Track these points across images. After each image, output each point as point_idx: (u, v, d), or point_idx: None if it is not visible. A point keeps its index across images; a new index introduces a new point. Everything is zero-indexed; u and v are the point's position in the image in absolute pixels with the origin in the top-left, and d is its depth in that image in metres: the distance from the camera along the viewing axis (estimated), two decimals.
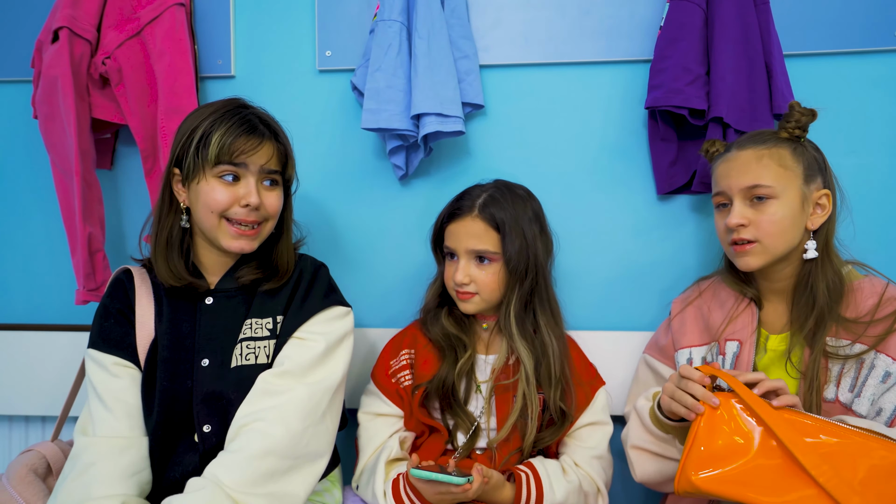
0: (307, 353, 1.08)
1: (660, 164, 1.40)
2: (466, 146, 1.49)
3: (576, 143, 1.46)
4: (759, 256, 1.09)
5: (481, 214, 1.18)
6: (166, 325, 1.09)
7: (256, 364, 1.09)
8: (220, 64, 1.52)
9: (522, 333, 1.17)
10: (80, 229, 1.36)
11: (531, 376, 1.16)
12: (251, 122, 1.08)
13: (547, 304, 1.20)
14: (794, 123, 1.10)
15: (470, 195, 1.22)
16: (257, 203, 1.06)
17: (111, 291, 1.13)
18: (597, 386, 1.23)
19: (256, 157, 1.07)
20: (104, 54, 1.40)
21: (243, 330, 1.10)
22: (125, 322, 1.10)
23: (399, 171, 1.47)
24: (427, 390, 1.20)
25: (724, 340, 1.15)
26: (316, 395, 1.05)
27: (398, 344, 1.30)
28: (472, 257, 1.19)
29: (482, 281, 1.18)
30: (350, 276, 1.51)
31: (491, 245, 1.17)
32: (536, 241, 1.18)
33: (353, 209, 1.52)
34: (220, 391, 1.06)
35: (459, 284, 1.19)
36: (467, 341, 1.23)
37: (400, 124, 1.37)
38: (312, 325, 1.11)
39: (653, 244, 1.45)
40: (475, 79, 1.43)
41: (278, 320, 1.12)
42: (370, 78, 1.38)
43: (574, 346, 1.27)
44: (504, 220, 1.16)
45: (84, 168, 1.37)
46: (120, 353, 1.08)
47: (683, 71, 1.29)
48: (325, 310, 1.14)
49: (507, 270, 1.16)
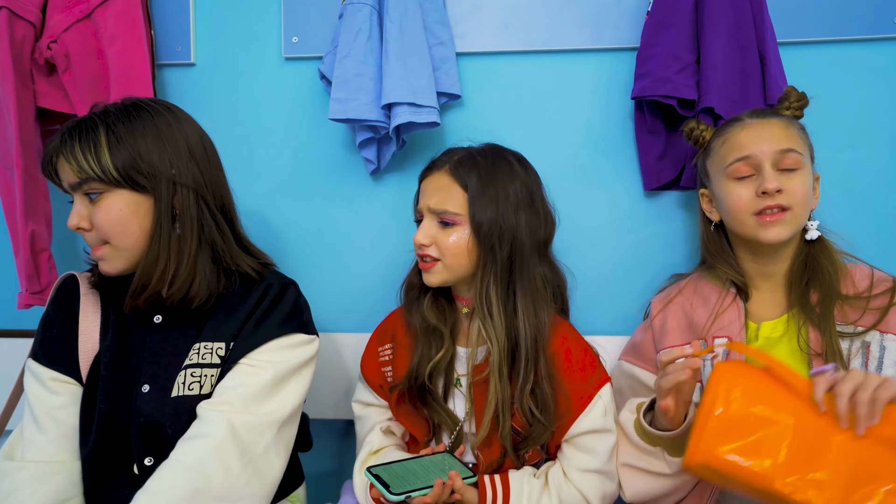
0: (252, 381, 0.95)
1: (647, 158, 1.32)
2: (442, 139, 1.40)
3: (558, 136, 1.38)
4: (790, 226, 1.03)
5: (451, 171, 1.05)
6: (111, 340, 0.98)
7: (200, 395, 0.96)
8: (178, 50, 1.42)
9: (496, 315, 1.04)
10: (22, 227, 1.25)
11: (503, 368, 1.03)
12: (59, 134, 0.95)
13: (528, 287, 1.05)
14: (796, 104, 1.08)
15: (451, 152, 1.10)
16: (73, 223, 0.95)
17: (54, 298, 1.03)
18: (597, 386, 1.07)
19: (62, 173, 0.95)
20: (50, 38, 1.30)
21: (190, 355, 0.98)
22: (68, 333, 0.99)
23: (370, 165, 1.38)
24: (401, 390, 1.12)
25: (713, 338, 1.07)
26: (258, 428, 0.93)
27: (384, 330, 1.22)
28: (435, 218, 1.06)
29: (444, 245, 1.04)
30: (319, 278, 1.43)
31: (454, 205, 1.03)
32: (518, 214, 1.03)
33: (322, 206, 1.43)
34: (157, 422, 0.95)
35: (419, 246, 1.07)
36: (445, 333, 1.12)
37: (370, 115, 1.28)
38: (264, 351, 0.99)
39: (640, 243, 1.37)
40: (451, 67, 1.35)
41: (231, 346, 0.99)
42: (338, 65, 1.29)
43: (571, 338, 1.11)
44: (475, 181, 1.03)
45: (27, 160, 1.27)
46: (59, 367, 0.97)
47: (672, 59, 1.21)
48: (282, 336, 1.01)
49: (477, 239, 1.03)
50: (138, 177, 0.93)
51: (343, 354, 1.39)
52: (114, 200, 0.93)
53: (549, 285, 1.10)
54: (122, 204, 0.94)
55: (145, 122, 0.95)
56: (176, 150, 0.97)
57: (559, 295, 1.16)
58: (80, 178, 0.92)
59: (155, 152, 0.95)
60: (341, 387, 1.39)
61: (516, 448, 1.06)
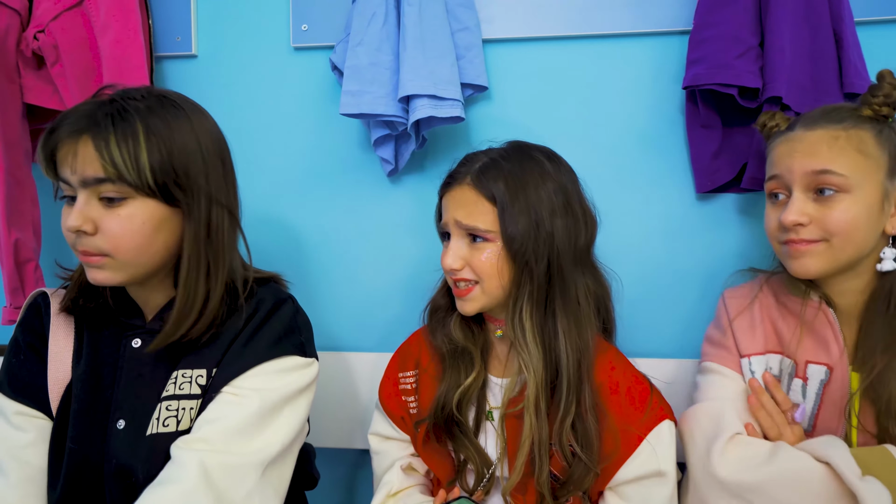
0: (234, 414, 0.81)
1: (700, 156, 1.16)
2: (466, 135, 1.26)
3: (598, 132, 1.22)
4: (822, 259, 0.85)
5: (474, 182, 0.90)
6: (84, 367, 0.85)
7: (177, 432, 0.82)
8: (178, 41, 1.30)
9: (531, 343, 0.89)
10: (4, 235, 1.14)
11: (541, 403, 0.90)
12: (78, 114, 0.77)
13: (569, 304, 0.90)
14: (883, 99, 0.85)
15: (471, 159, 0.95)
16: (75, 225, 0.77)
17: (22, 319, 0.90)
18: (652, 424, 0.90)
19: (76, 163, 0.76)
20: (37, 28, 1.18)
21: (167, 385, 0.84)
22: (36, 360, 0.87)
23: (387, 165, 1.24)
24: (428, 426, 0.98)
25: (806, 362, 0.90)
26: (238, 471, 0.78)
27: (405, 354, 1.07)
28: (464, 235, 0.92)
29: (479, 266, 0.90)
30: (329, 291, 1.29)
31: (483, 221, 0.89)
32: (554, 220, 0.88)
33: (334, 210, 1.29)
34: (130, 466, 0.81)
35: (450, 270, 0.93)
36: (475, 355, 0.98)
37: (386, 109, 1.14)
38: (250, 377, 0.84)
39: (691, 254, 1.20)
40: (477, 55, 1.20)
41: (214, 373, 0.85)
42: (350, 54, 1.15)
43: (620, 367, 0.96)
44: (502, 191, 0.88)
45: (11, 162, 1.16)
46: (26, 399, 0.85)
47: (731, 41, 1.05)
48: (273, 359, 0.85)
49: (510, 255, 0.89)
50: (175, 189, 0.80)
51: (356, 377, 1.26)
52: (139, 210, 0.79)
53: (592, 298, 0.95)
54: (147, 216, 0.79)
55: (180, 122, 0.81)
56: (211, 160, 0.84)
57: (602, 308, 1.00)
58: (105, 176, 0.76)
59: (192, 161, 0.81)
60: (354, 413, 1.26)
61: (555, 495, 0.91)
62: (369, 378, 1.25)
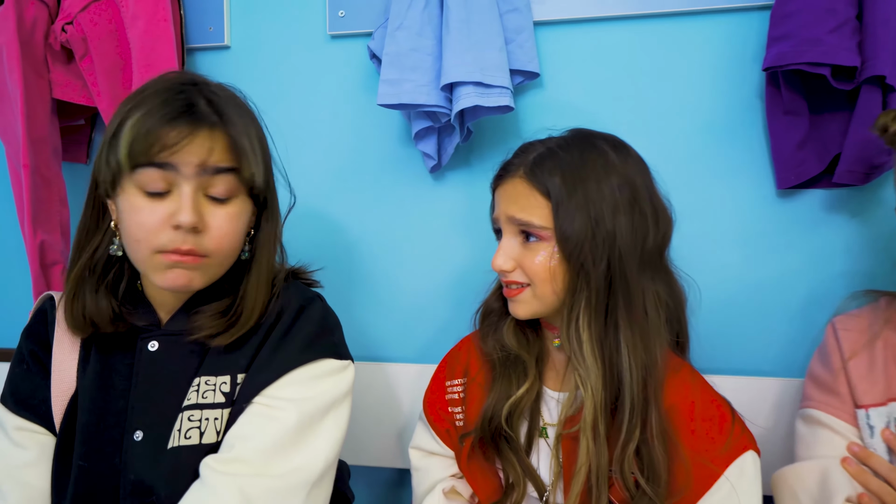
0: (271, 429, 0.73)
1: (782, 146, 1.02)
2: (516, 127, 1.15)
3: (663, 122, 1.10)
4: None
5: (528, 174, 0.81)
6: (92, 376, 0.78)
7: (201, 444, 0.74)
8: (211, 31, 1.23)
9: (589, 357, 0.79)
10: (30, 237, 1.09)
11: (599, 425, 0.79)
12: (183, 101, 0.71)
13: (634, 313, 0.79)
14: None
15: (526, 149, 0.85)
16: (192, 221, 0.70)
17: (28, 326, 0.84)
18: (732, 456, 0.78)
19: (189, 151, 0.70)
20: (65, 20, 1.13)
21: (189, 393, 0.77)
22: (39, 369, 0.80)
23: (429, 160, 1.14)
24: (474, 440, 0.88)
25: None
26: (285, 495, 0.71)
27: (453, 361, 0.98)
28: (516, 233, 0.83)
29: (531, 267, 0.81)
30: (367, 296, 1.20)
31: (537, 216, 0.79)
32: (617, 219, 0.77)
33: (373, 210, 1.20)
34: (149, 483, 0.73)
35: (501, 271, 0.84)
36: (529, 364, 0.88)
37: (428, 98, 1.05)
38: (284, 385, 0.76)
39: (771, 257, 1.06)
40: (527, 39, 1.09)
41: (239, 379, 0.77)
42: (389, 39, 1.06)
43: (695, 388, 0.83)
44: (558, 185, 0.78)
45: (38, 160, 1.11)
46: (27, 413, 0.78)
47: (825, 13, 0.91)
48: (306, 364, 0.78)
49: (564, 256, 0.79)
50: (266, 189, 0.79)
51: (397, 390, 1.16)
52: (242, 209, 0.76)
53: (663, 308, 0.83)
54: (247, 216, 0.78)
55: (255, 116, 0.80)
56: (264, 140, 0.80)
57: (675, 319, 0.88)
58: (231, 167, 0.73)
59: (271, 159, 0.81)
60: (393, 429, 1.16)
61: None
62: (411, 391, 1.15)
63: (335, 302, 0.89)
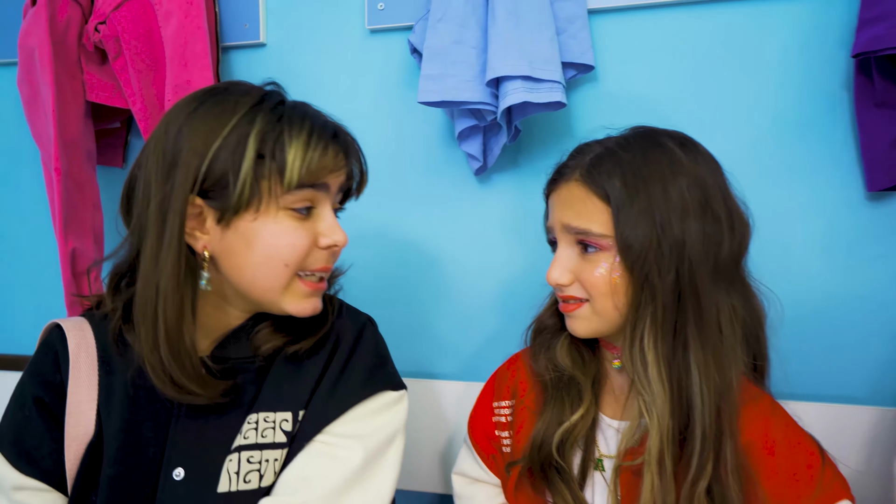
0: (337, 469, 0.68)
1: (873, 143, 0.90)
2: (567, 125, 1.06)
3: (734, 118, 0.99)
4: None
5: (584, 177, 0.73)
6: (118, 423, 0.69)
7: (260, 488, 0.68)
8: (246, 28, 1.18)
9: (655, 380, 0.70)
10: (61, 244, 1.06)
11: (665, 458, 0.70)
12: (325, 119, 0.73)
13: (706, 331, 0.70)
14: None
15: (583, 150, 0.77)
16: (345, 240, 0.72)
17: (33, 364, 0.73)
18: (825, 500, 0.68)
19: (343, 171, 0.73)
20: (98, 19, 1.10)
21: (244, 431, 0.70)
22: (47, 416, 0.69)
23: (474, 162, 1.06)
24: (522, 469, 0.81)
25: None
26: None
27: (501, 381, 0.90)
28: (573, 242, 0.75)
29: (590, 280, 0.73)
30: (406, 306, 1.13)
31: (596, 223, 0.71)
32: (686, 224, 0.69)
33: (414, 215, 1.13)
34: None
35: (557, 285, 0.76)
36: (584, 387, 0.80)
37: (472, 95, 0.97)
38: (346, 423, 0.72)
39: (860, 267, 0.95)
40: (581, 28, 1.00)
41: (300, 416, 0.71)
42: (430, 32, 0.99)
43: (776, 422, 0.74)
44: (618, 187, 0.70)
45: (70, 164, 1.08)
46: (32, 468, 0.68)
47: None
48: (368, 398, 0.73)
49: (627, 267, 0.70)
50: None
51: (440, 409, 1.09)
52: None
53: (740, 325, 0.73)
54: None
55: None
56: None
57: (753, 339, 0.78)
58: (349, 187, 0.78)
59: None
60: (435, 451, 1.09)
61: None
62: (455, 411, 1.07)
63: (375, 312, 0.84)
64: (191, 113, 0.66)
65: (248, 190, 0.65)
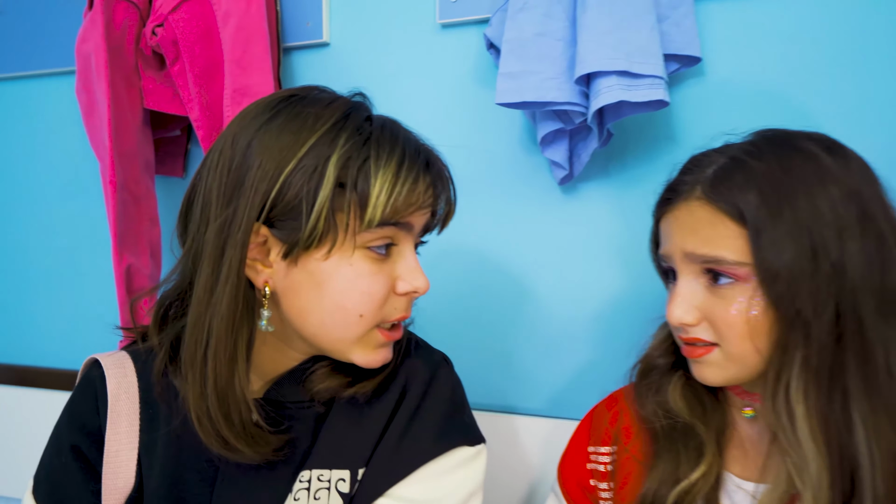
0: None
1: None
2: (669, 126, 0.92)
3: (874, 115, 0.83)
4: None
5: (709, 194, 0.61)
6: (160, 475, 0.62)
7: None
8: (308, 27, 1.09)
9: (806, 438, 0.58)
10: (115, 261, 1.00)
11: None
12: (417, 148, 0.62)
13: (874, 382, 0.58)
14: None
15: (700, 163, 0.65)
16: (427, 286, 0.63)
17: (71, 404, 0.67)
18: None
19: (427, 211, 0.63)
20: (156, 22, 1.04)
21: (295, 490, 0.61)
22: (85, 466, 0.64)
23: (559, 170, 0.94)
24: None
25: None
26: None
27: (599, 423, 0.78)
28: (698, 272, 0.63)
29: (725, 319, 0.61)
30: (482, 332, 1.02)
31: (729, 249, 0.60)
32: (845, 245, 0.57)
33: (490, 229, 1.02)
34: None
35: (681, 325, 0.64)
36: (705, 439, 0.68)
37: (558, 94, 0.85)
38: (413, 484, 0.62)
39: None
40: (686, 15, 0.87)
41: (359, 475, 0.63)
42: (510, 23, 0.87)
43: None
44: (754, 204, 0.58)
45: (125, 176, 1.02)
46: None
47: None
48: (440, 455, 0.64)
49: (771, 301, 0.58)
50: None
51: (522, 448, 0.97)
52: None
53: None
54: None
55: None
56: None
57: None
58: None
59: None
60: (516, 498, 0.97)
61: None
62: (539, 452, 0.96)
63: (447, 340, 0.75)
64: (262, 125, 0.57)
65: (322, 224, 0.56)
